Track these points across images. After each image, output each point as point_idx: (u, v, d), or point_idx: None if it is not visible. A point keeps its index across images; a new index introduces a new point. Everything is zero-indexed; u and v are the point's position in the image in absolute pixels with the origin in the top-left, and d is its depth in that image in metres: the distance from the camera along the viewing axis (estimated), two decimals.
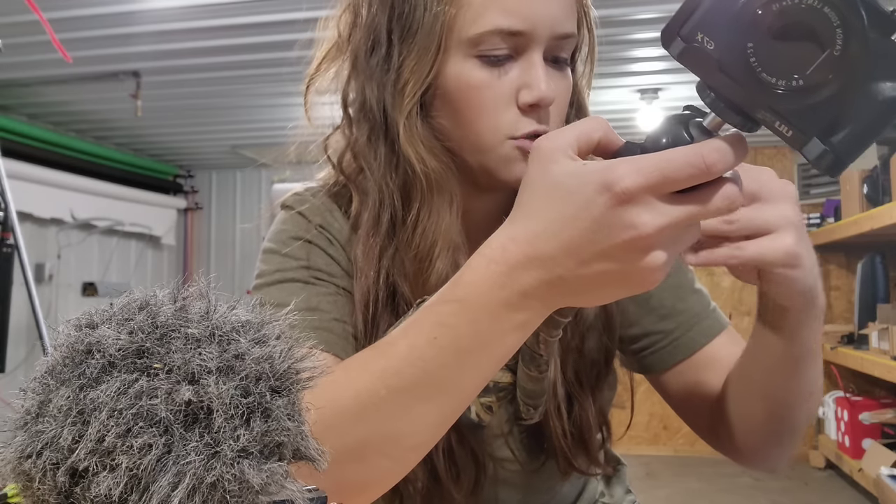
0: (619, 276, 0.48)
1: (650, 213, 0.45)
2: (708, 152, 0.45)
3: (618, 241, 0.46)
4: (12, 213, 2.16)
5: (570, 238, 0.47)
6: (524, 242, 0.50)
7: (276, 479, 0.31)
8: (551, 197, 0.48)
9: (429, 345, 0.53)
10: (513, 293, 0.50)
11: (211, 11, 2.76)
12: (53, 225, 4.49)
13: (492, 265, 0.51)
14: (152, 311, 0.33)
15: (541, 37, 0.66)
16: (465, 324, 0.52)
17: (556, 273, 0.49)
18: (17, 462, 0.31)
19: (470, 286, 0.52)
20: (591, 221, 0.46)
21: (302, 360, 0.35)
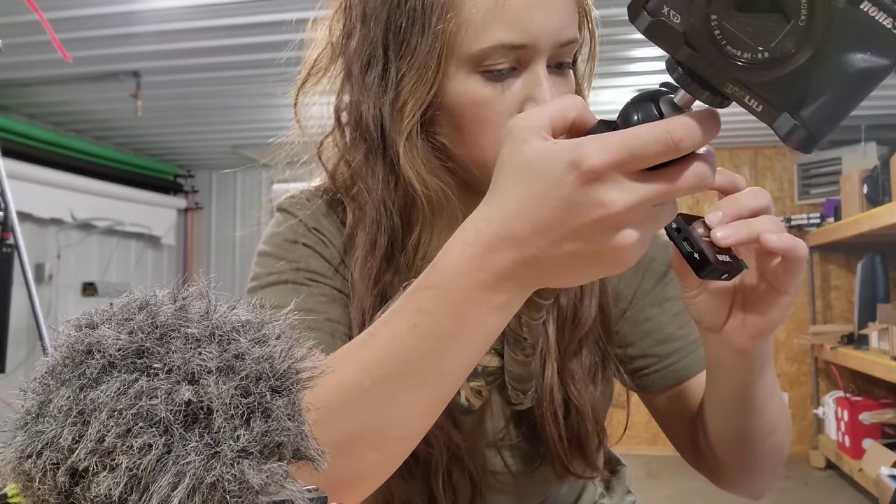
0: (592, 256, 0.48)
1: (619, 192, 0.45)
2: (675, 128, 0.44)
3: (587, 220, 0.46)
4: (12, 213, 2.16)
5: (541, 218, 0.47)
6: (497, 223, 0.49)
7: (276, 479, 0.31)
8: (523, 177, 0.48)
9: (409, 332, 0.53)
10: (489, 275, 0.50)
11: (211, 11, 2.76)
12: (53, 225, 4.48)
13: (466, 248, 0.51)
14: (152, 311, 0.33)
15: (544, 48, 0.65)
16: (443, 309, 0.52)
17: (530, 253, 0.48)
18: (18, 462, 0.31)
19: (446, 270, 0.52)
20: (561, 201, 0.46)
21: (302, 360, 0.35)
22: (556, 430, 0.75)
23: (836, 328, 4.43)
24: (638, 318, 0.80)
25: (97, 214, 4.71)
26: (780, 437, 0.71)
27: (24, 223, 3.67)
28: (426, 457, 0.75)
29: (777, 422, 0.70)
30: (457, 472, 0.76)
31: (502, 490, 0.80)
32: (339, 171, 0.76)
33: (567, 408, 0.76)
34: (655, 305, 0.81)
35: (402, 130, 0.67)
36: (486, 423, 0.78)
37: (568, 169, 0.45)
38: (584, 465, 0.78)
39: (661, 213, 0.48)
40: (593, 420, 0.77)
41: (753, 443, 0.70)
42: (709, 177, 0.46)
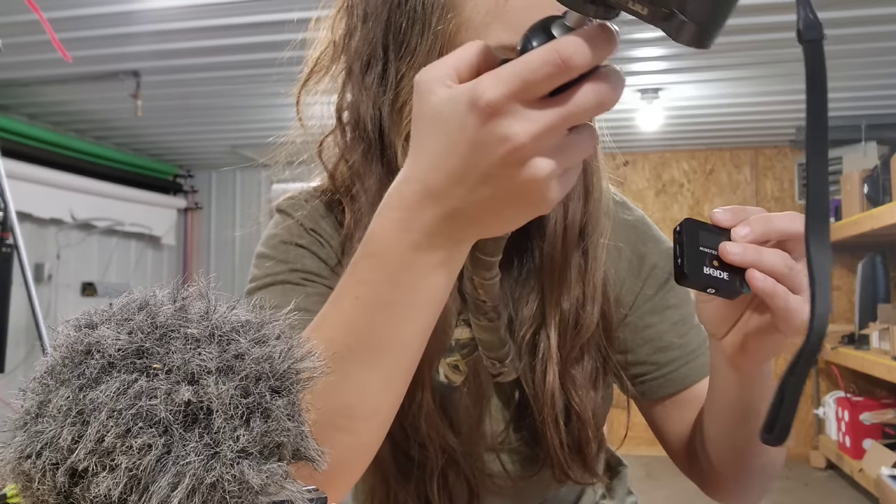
0: (510, 196, 0.46)
1: (520, 122, 0.43)
2: (563, 47, 0.42)
3: (496, 158, 0.44)
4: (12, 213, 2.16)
5: (454, 166, 0.46)
6: (416, 181, 0.48)
7: (276, 479, 0.31)
8: (432, 129, 0.47)
9: (353, 306, 0.52)
10: (417, 234, 0.49)
11: (211, 11, 2.76)
12: (53, 225, 4.48)
13: (392, 212, 0.50)
14: (152, 312, 0.33)
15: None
16: (381, 277, 0.51)
17: (451, 205, 0.47)
18: (17, 462, 0.31)
19: (377, 238, 0.51)
20: (468, 144, 0.45)
21: (302, 360, 0.35)
22: (557, 436, 0.75)
23: (836, 328, 4.43)
24: (638, 325, 0.80)
25: (97, 214, 4.71)
26: (773, 454, 0.71)
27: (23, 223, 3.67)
28: (421, 459, 0.75)
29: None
30: (453, 475, 0.76)
31: (500, 493, 0.80)
32: (339, 171, 0.76)
33: (568, 414, 0.76)
34: (656, 313, 0.80)
35: (401, 131, 0.66)
36: (484, 426, 0.78)
37: (468, 109, 0.44)
38: (583, 471, 0.78)
39: (577, 141, 0.46)
40: (594, 426, 0.77)
41: (748, 456, 0.70)
42: (608, 93, 0.44)
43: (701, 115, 4.25)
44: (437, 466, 0.75)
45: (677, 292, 0.82)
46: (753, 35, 3.01)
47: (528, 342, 0.75)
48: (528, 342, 0.75)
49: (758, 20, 2.86)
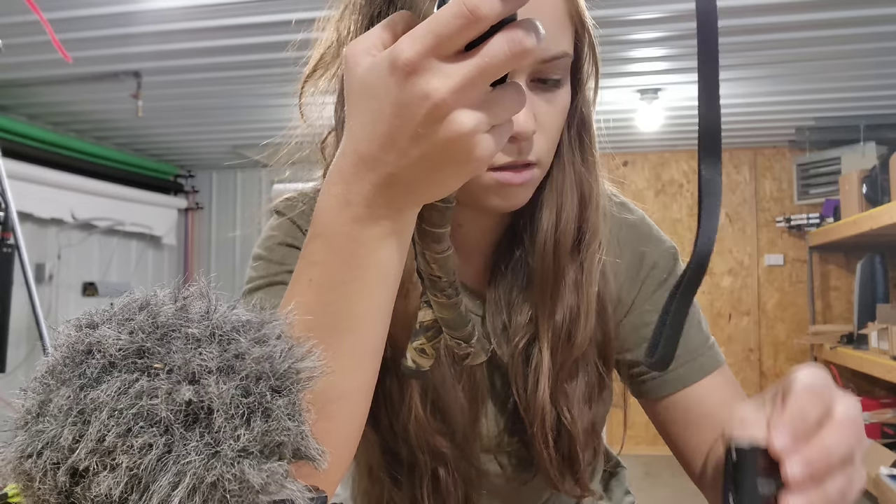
0: (439, 155, 0.46)
1: (438, 78, 0.43)
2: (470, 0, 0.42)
3: (419, 117, 0.44)
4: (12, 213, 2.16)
5: (383, 132, 0.46)
6: (350, 153, 0.48)
7: (277, 478, 0.31)
8: (360, 98, 0.47)
9: (307, 289, 0.52)
10: (358, 207, 0.49)
11: (211, 12, 2.76)
12: (54, 225, 4.48)
13: (332, 187, 0.50)
14: (153, 311, 0.33)
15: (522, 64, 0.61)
16: (329, 255, 0.50)
17: (385, 171, 0.47)
18: (18, 462, 0.31)
19: (321, 216, 0.51)
20: (393, 106, 0.45)
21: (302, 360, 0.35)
22: (546, 451, 0.74)
23: (835, 328, 4.43)
24: (637, 324, 0.80)
25: (97, 214, 4.71)
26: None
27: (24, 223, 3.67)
28: (411, 461, 0.75)
29: None
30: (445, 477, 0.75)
31: (496, 494, 0.80)
32: None
33: (559, 429, 0.75)
34: (655, 311, 0.80)
35: None
36: (480, 428, 0.78)
37: (389, 72, 0.44)
38: (574, 485, 0.77)
39: (502, 97, 0.46)
40: (583, 442, 0.76)
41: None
42: (523, 40, 0.43)
43: None
44: (426, 469, 0.75)
45: None
46: (753, 35, 3.01)
47: (521, 351, 0.75)
48: (522, 351, 0.75)
49: (758, 20, 2.86)
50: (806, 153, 4.72)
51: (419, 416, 0.73)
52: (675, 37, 3.09)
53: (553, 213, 0.73)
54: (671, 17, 2.85)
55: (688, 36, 3.07)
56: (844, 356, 4.03)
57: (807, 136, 4.48)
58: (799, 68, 3.44)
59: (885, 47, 3.15)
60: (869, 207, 3.72)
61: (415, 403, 0.72)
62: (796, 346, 4.89)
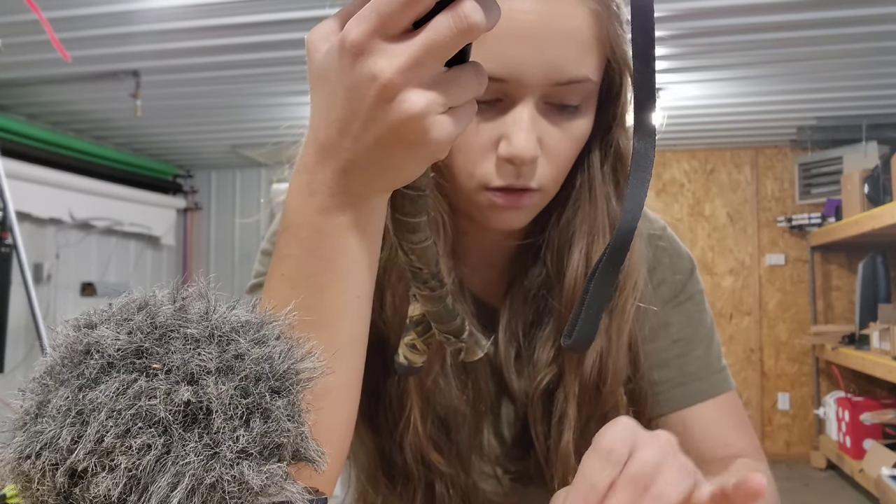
0: (393, 139, 0.44)
1: (385, 58, 0.42)
2: None
3: (370, 99, 0.43)
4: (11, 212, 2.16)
5: (338, 117, 0.45)
6: (312, 141, 0.47)
7: (276, 480, 0.31)
8: (318, 84, 0.46)
9: (280, 283, 0.51)
10: (321, 196, 0.48)
11: (211, 11, 2.76)
12: (52, 225, 4.48)
13: (297, 177, 0.49)
14: (151, 312, 0.33)
15: (531, 85, 0.60)
16: (297, 248, 0.50)
17: (343, 158, 0.46)
18: (16, 463, 0.30)
19: (288, 207, 0.50)
20: (345, 90, 0.44)
21: (302, 361, 0.34)
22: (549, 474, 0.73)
23: (837, 328, 4.43)
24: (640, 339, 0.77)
25: (96, 214, 4.71)
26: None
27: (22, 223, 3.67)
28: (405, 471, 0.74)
29: None
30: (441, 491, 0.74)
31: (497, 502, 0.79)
32: None
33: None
34: (657, 329, 0.78)
35: None
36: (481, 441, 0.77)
37: (339, 55, 0.43)
38: None
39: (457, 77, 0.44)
40: None
41: None
42: (470, 15, 0.41)
43: (701, 115, 4.25)
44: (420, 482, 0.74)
45: (683, 310, 0.79)
46: (753, 35, 3.01)
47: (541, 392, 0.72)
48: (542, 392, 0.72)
49: (758, 20, 2.86)
50: (808, 153, 4.73)
51: (417, 427, 0.72)
52: (675, 37, 3.09)
53: (583, 254, 0.70)
54: (671, 17, 2.85)
55: (688, 35, 3.07)
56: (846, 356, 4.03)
57: (808, 135, 4.48)
58: (801, 67, 3.44)
59: (887, 46, 3.15)
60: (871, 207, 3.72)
61: (414, 415, 0.71)
62: (798, 346, 4.89)
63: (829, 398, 4.41)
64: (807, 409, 4.89)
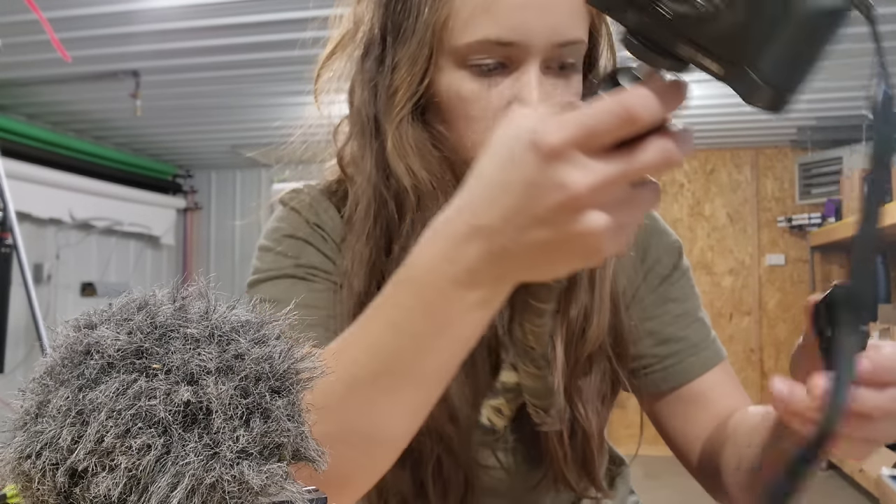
0: (561, 244, 0.45)
1: (580, 171, 0.42)
2: (629, 99, 0.41)
3: (550, 202, 0.43)
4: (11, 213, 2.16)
5: (507, 204, 0.45)
6: (467, 212, 0.47)
7: (276, 480, 0.31)
8: (492, 162, 0.46)
9: (385, 330, 0.51)
10: (460, 269, 0.47)
11: (211, 11, 2.76)
12: (52, 225, 4.48)
13: (438, 240, 0.49)
14: (151, 312, 0.33)
15: (536, 47, 0.63)
16: (417, 304, 0.49)
17: (499, 244, 0.46)
18: (17, 462, 0.30)
19: (418, 263, 0.50)
20: (523, 184, 0.44)
21: (302, 361, 0.34)
22: (562, 451, 0.74)
23: None
24: (640, 317, 0.80)
25: (96, 214, 4.70)
26: None
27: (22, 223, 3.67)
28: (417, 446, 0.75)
29: None
30: (448, 464, 0.75)
31: (496, 489, 0.79)
32: (346, 152, 0.76)
33: (573, 428, 0.75)
34: (658, 306, 0.80)
35: (392, 119, 0.67)
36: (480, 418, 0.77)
37: (528, 148, 0.43)
38: (588, 485, 0.77)
39: (638, 197, 0.45)
40: (599, 442, 0.76)
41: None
42: (675, 153, 0.42)
43: (701, 115, 4.25)
44: (431, 455, 0.74)
45: (680, 286, 0.82)
46: None
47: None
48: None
49: None
50: (808, 153, 4.73)
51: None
52: None
53: None
54: None
55: None
56: None
57: (809, 135, 4.48)
58: None
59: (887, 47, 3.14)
60: None
61: None
62: None
63: None
64: None
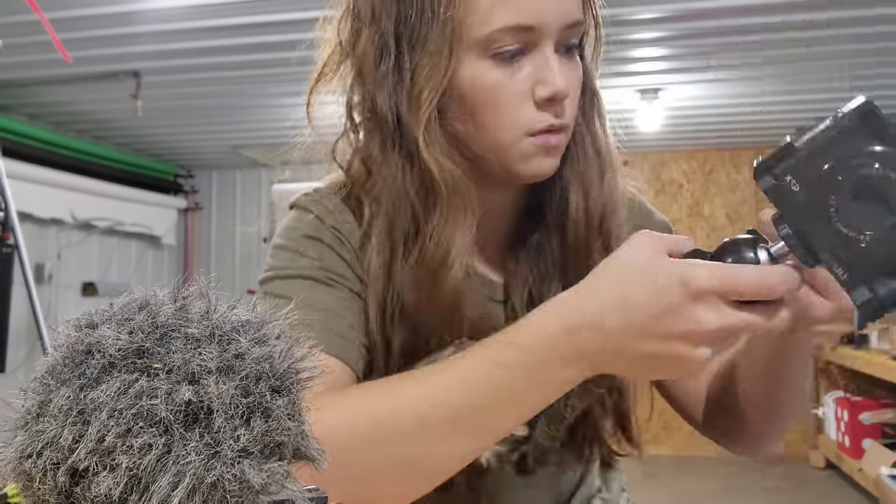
0: (669, 360, 0.53)
1: (714, 313, 0.51)
2: (775, 276, 0.52)
3: (680, 330, 0.52)
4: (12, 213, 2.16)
5: (636, 319, 0.53)
6: (594, 311, 0.54)
7: (277, 478, 0.31)
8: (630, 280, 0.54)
9: (484, 380, 0.56)
10: (570, 351, 0.55)
11: (211, 11, 2.76)
12: (53, 225, 4.48)
13: (558, 323, 0.55)
14: (152, 311, 0.33)
15: (551, 29, 0.66)
16: (521, 368, 0.56)
17: (618, 344, 0.54)
18: (18, 462, 0.31)
19: (534, 335, 0.56)
20: (663, 308, 0.52)
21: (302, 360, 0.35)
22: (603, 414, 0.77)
23: None
24: None
25: (97, 214, 4.71)
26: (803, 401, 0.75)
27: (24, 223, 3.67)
28: None
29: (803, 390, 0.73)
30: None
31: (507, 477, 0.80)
32: (354, 167, 0.76)
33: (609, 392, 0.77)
34: None
35: (419, 119, 0.68)
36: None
37: (678, 283, 0.52)
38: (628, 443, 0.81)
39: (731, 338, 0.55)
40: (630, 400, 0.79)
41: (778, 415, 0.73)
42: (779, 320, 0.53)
43: (701, 115, 4.25)
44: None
45: None
46: (753, 35, 3.01)
47: None
48: None
49: (758, 20, 2.86)
50: None
51: None
52: (675, 37, 3.09)
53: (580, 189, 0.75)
54: (671, 17, 2.85)
55: (688, 36, 3.07)
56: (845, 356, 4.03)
57: None
58: (800, 68, 3.43)
59: (886, 47, 3.15)
60: None
61: None
62: None
63: (828, 398, 4.40)
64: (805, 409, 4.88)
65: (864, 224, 0.49)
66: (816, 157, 0.51)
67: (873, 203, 0.49)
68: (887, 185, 0.48)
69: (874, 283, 0.50)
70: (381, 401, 0.57)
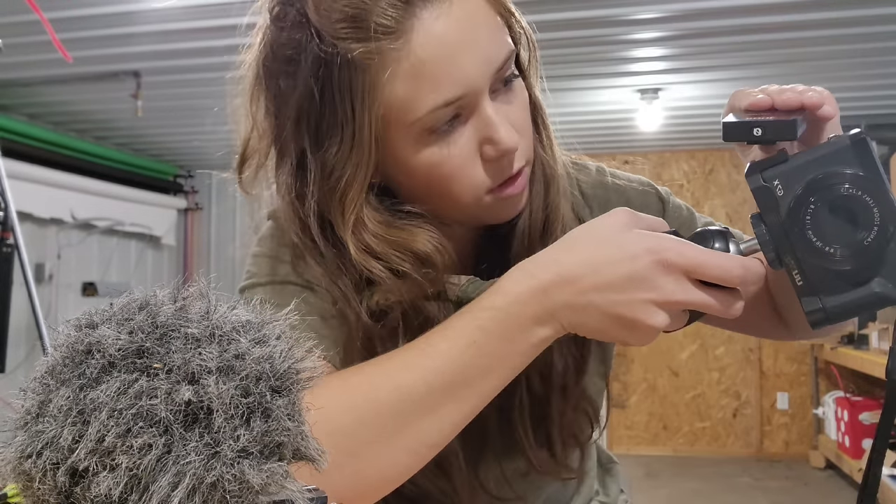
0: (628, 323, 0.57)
1: (677, 286, 0.55)
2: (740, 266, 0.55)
3: (638, 295, 0.55)
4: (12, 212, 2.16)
5: (606, 279, 0.56)
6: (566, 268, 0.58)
7: (276, 479, 0.31)
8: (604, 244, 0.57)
9: (468, 346, 0.58)
10: (542, 309, 0.57)
11: (212, 12, 2.76)
12: (53, 225, 4.48)
13: (532, 280, 0.58)
14: (152, 311, 0.33)
15: (481, 86, 0.62)
16: (499, 330, 0.58)
17: (584, 300, 0.57)
18: (18, 462, 0.31)
19: (509, 296, 0.58)
20: (630, 272, 0.56)
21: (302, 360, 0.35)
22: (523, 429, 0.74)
23: None
24: None
25: (97, 214, 4.71)
26: None
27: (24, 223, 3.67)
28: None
29: None
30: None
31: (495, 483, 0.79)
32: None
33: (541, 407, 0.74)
34: None
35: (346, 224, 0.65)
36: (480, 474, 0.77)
37: (647, 252, 0.56)
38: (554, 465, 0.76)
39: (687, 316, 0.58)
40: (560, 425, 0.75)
41: None
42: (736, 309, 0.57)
43: (701, 115, 4.25)
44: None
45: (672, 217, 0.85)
46: (753, 35, 3.01)
47: None
48: None
49: (758, 20, 2.86)
50: None
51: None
52: (675, 37, 3.09)
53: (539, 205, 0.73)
54: (671, 17, 2.85)
55: (688, 36, 3.07)
56: (845, 356, 4.03)
57: None
58: (799, 68, 3.43)
59: (887, 47, 3.15)
60: None
61: None
62: (796, 345, 4.88)
63: (828, 398, 4.40)
64: (806, 409, 4.89)
65: (834, 238, 0.53)
66: (805, 169, 0.55)
67: (844, 221, 0.53)
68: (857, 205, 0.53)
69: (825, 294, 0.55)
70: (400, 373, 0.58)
